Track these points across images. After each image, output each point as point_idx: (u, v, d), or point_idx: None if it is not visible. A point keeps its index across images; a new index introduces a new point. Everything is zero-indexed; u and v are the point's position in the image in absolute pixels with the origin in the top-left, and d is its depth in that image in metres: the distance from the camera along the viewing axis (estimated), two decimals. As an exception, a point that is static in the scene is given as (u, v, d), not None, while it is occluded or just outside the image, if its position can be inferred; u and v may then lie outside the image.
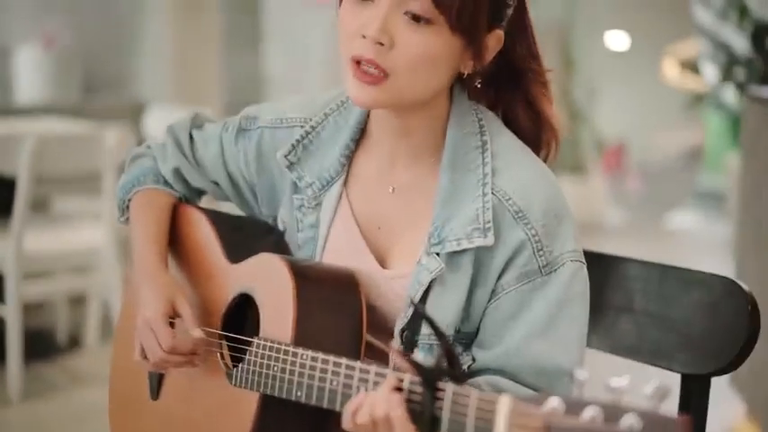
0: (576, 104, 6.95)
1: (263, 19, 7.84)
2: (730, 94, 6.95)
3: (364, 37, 1.28)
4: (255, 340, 1.35)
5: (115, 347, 1.64)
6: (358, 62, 1.29)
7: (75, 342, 4.21)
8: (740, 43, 6.72)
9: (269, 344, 1.33)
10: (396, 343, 1.36)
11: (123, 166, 3.20)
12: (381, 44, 1.27)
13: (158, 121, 4.64)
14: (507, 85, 1.43)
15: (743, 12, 6.67)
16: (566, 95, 6.93)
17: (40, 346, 4.10)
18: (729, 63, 6.86)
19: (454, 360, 1.08)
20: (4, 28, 5.93)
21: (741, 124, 3.47)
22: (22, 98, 5.70)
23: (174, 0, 5.47)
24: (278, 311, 1.34)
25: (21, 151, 3.46)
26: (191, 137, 1.59)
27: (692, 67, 7.38)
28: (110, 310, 3.91)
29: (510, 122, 1.44)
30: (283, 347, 1.30)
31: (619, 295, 1.63)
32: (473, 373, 1.35)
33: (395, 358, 1.14)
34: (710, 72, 7.06)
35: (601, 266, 1.64)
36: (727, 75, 6.89)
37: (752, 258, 3.25)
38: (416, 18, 1.27)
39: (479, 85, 1.39)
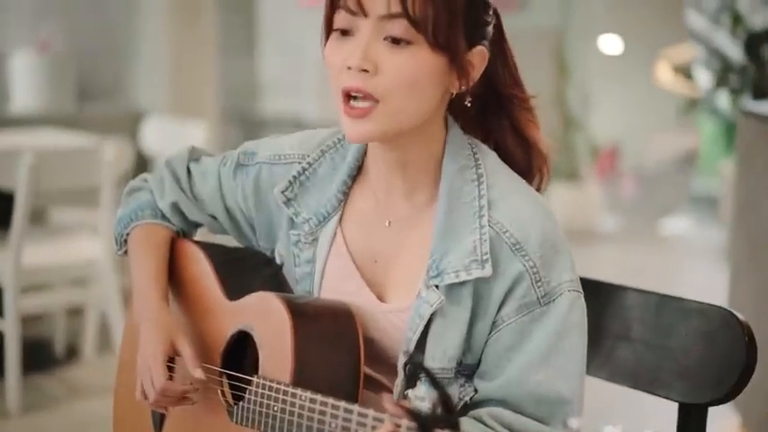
0: (570, 111, 6.97)
1: (258, 22, 7.85)
2: (724, 101, 6.98)
3: (350, 68, 1.30)
4: (255, 379, 1.37)
5: (117, 379, 1.65)
6: (348, 97, 1.31)
7: (72, 353, 4.21)
8: (733, 51, 6.74)
9: (268, 383, 1.34)
10: (399, 376, 1.38)
11: (121, 180, 3.21)
12: (366, 71, 1.29)
13: (155, 133, 4.67)
14: (494, 113, 1.46)
15: (736, 19, 6.70)
16: (560, 101, 6.95)
17: (38, 357, 4.11)
18: (723, 69, 6.89)
19: (450, 406, 1.10)
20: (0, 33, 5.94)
21: (737, 138, 3.49)
22: (18, 105, 5.70)
23: (169, 4, 5.46)
24: (276, 350, 1.35)
25: (19, 165, 3.47)
26: (188, 171, 1.61)
27: (685, 71, 7.41)
28: (107, 322, 3.93)
29: (501, 152, 1.45)
30: (282, 387, 1.32)
31: (617, 324, 1.65)
32: (475, 404, 1.37)
33: (389, 407, 1.13)
34: (704, 78, 7.09)
35: (599, 295, 1.66)
36: (721, 81, 6.92)
37: (746, 270, 3.29)
38: (396, 41, 1.29)
39: (469, 104, 1.40)
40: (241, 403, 1.39)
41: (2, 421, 3.57)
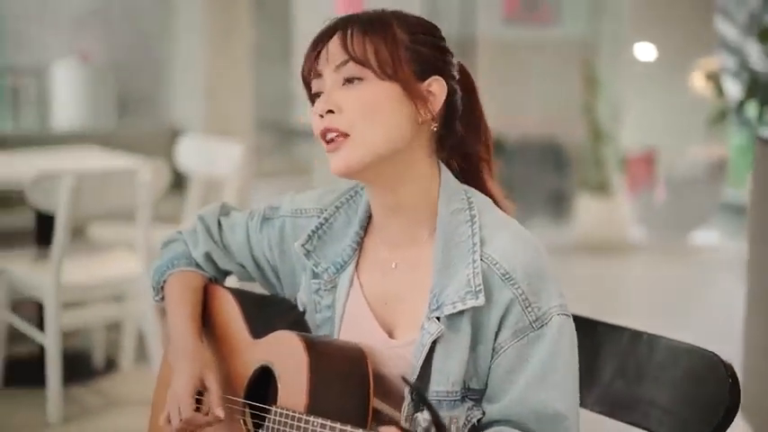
0: (599, 123, 7.03)
1: (294, 32, 7.97)
2: (753, 112, 7.01)
3: (321, 116, 1.50)
4: (273, 408, 1.51)
5: (152, 410, 1.80)
6: (325, 139, 1.50)
7: (111, 366, 4.35)
8: (763, 63, 6.77)
9: (285, 411, 1.49)
10: (406, 400, 1.52)
11: (157, 201, 3.34)
12: (332, 111, 1.49)
13: (190, 152, 4.80)
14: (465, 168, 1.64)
15: (765, 33, 6.73)
16: (589, 114, 7.01)
17: (78, 369, 4.25)
18: (752, 80, 6.92)
19: (443, 430, 1.22)
20: (40, 45, 6.08)
21: (753, 166, 3.53)
22: (59, 118, 5.84)
23: (204, 17, 5.55)
24: (293, 383, 1.50)
25: (59, 188, 3.62)
26: (219, 224, 1.78)
27: (717, 82, 7.44)
28: (144, 336, 4.07)
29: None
30: (297, 415, 1.46)
31: (611, 361, 1.77)
32: (483, 425, 1.51)
33: (384, 429, 1.30)
34: (733, 88, 7.12)
35: (595, 333, 1.78)
36: (750, 92, 6.96)
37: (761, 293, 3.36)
38: (350, 80, 1.49)
39: (435, 129, 1.55)
40: (260, 430, 1.54)
41: (43, 431, 3.72)
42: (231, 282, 1.84)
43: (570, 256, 6.72)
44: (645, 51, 7.58)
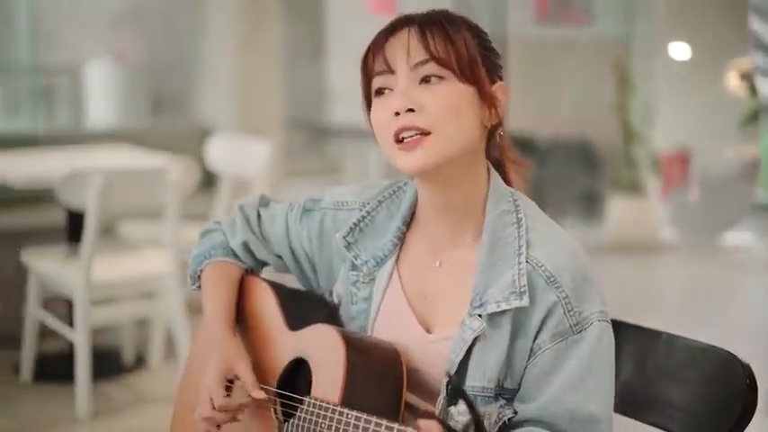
0: (631, 123, 6.99)
1: (325, 29, 7.98)
2: (785, 112, 6.93)
3: (398, 114, 1.49)
4: (307, 399, 1.53)
5: (178, 397, 1.82)
6: (399, 140, 1.50)
7: (140, 362, 4.39)
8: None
9: (319, 402, 1.51)
10: (441, 394, 1.53)
11: (186, 200, 3.36)
12: (412, 110, 1.49)
13: (220, 150, 4.83)
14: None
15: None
16: (621, 114, 6.98)
17: (107, 365, 4.29)
18: (786, 80, 6.84)
19: (481, 426, 1.23)
20: (75, 45, 6.14)
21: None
22: (93, 118, 5.89)
23: (234, 15, 5.57)
24: (329, 375, 1.52)
25: (89, 186, 3.66)
26: (258, 214, 1.80)
27: (751, 81, 7.37)
28: (173, 332, 4.10)
29: None
30: (331, 407, 1.48)
31: (630, 360, 1.76)
32: (514, 424, 1.52)
33: (422, 423, 1.32)
34: (765, 87, 7.04)
35: (616, 332, 1.78)
36: (784, 92, 6.87)
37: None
38: (429, 79, 1.50)
39: (500, 136, 1.59)
40: (292, 420, 1.56)
41: (72, 426, 3.76)
42: (266, 273, 1.85)
43: (602, 256, 6.69)
44: (679, 51, 7.54)
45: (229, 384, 1.62)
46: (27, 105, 5.61)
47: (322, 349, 1.56)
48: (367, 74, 1.55)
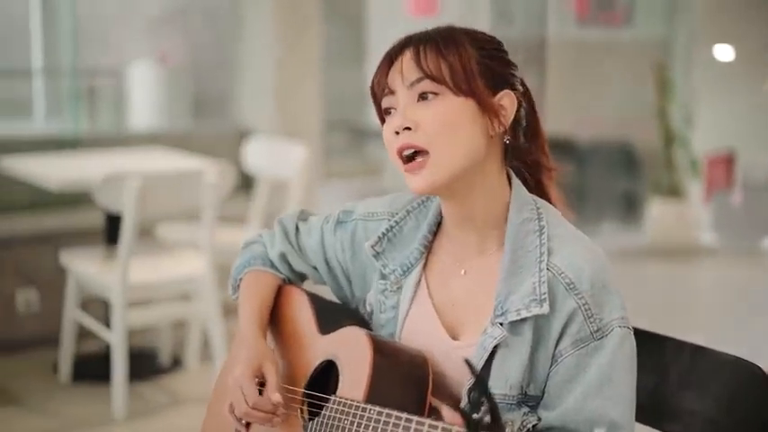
0: (672, 126, 6.94)
1: (367, 31, 7.99)
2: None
3: (397, 133, 1.53)
4: (332, 397, 1.56)
5: (211, 400, 1.85)
6: (403, 158, 1.53)
7: (177, 364, 4.43)
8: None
9: (343, 400, 1.53)
10: (464, 401, 1.55)
11: (223, 202, 3.37)
12: (409, 128, 1.52)
13: (258, 153, 4.86)
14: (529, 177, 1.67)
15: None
16: (662, 116, 6.92)
17: (144, 366, 4.34)
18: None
19: (497, 417, 1.24)
20: (118, 47, 6.19)
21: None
22: (135, 121, 5.94)
23: (275, 16, 5.58)
24: (355, 374, 1.54)
25: (125, 189, 3.70)
26: (297, 227, 1.85)
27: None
28: (209, 335, 4.13)
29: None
30: (355, 403, 1.51)
31: (654, 370, 1.76)
32: (539, 431, 1.53)
33: (446, 414, 1.36)
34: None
35: (641, 342, 1.77)
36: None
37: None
38: (425, 96, 1.52)
39: (507, 141, 1.59)
40: (317, 419, 1.58)
41: (108, 427, 3.80)
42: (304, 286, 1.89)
43: (641, 260, 6.65)
44: (721, 52, 7.47)
45: (261, 388, 1.64)
46: (69, 107, 5.67)
47: (350, 349, 1.59)
48: (375, 96, 1.59)
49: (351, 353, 1.58)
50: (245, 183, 5.19)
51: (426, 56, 1.52)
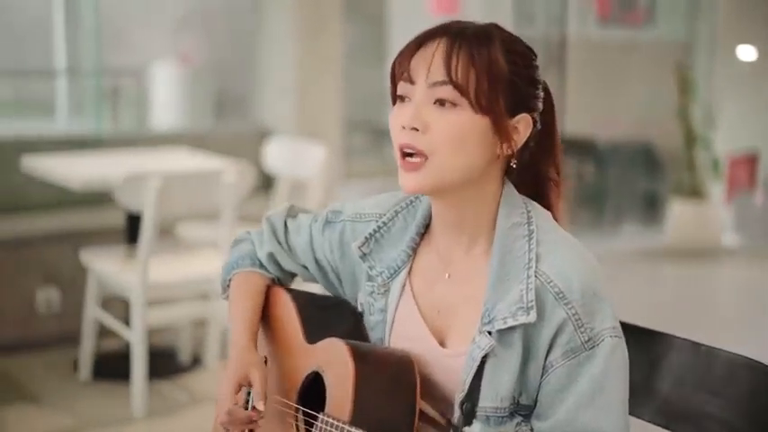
0: (694, 126, 6.91)
1: (389, 30, 7.99)
2: None
3: (404, 128, 1.50)
4: (320, 416, 1.55)
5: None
6: (403, 153, 1.50)
7: (196, 362, 4.45)
8: None
9: (331, 420, 1.52)
10: (456, 414, 1.53)
11: (242, 202, 3.39)
12: (416, 129, 1.48)
13: (278, 153, 4.88)
14: (528, 184, 1.62)
15: None
16: (683, 117, 6.89)
17: (164, 365, 4.36)
18: None
19: None
20: (140, 47, 6.22)
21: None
22: (157, 121, 5.96)
23: (295, 16, 5.58)
24: (340, 391, 1.53)
25: (145, 189, 3.72)
26: (285, 225, 1.81)
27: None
28: (229, 334, 4.12)
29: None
30: (341, 425, 1.49)
31: (669, 372, 1.76)
32: None
33: None
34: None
35: (655, 343, 1.77)
36: None
37: None
38: (443, 102, 1.47)
39: (514, 166, 1.56)
40: None
41: (128, 425, 3.83)
42: (296, 282, 1.88)
43: (661, 260, 6.63)
44: (743, 52, 7.43)
45: (249, 393, 1.65)
46: (92, 107, 5.70)
47: (333, 364, 1.57)
48: (394, 76, 1.54)
49: (334, 367, 1.56)
50: (266, 183, 5.21)
51: (458, 59, 1.46)
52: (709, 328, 4.81)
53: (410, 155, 1.49)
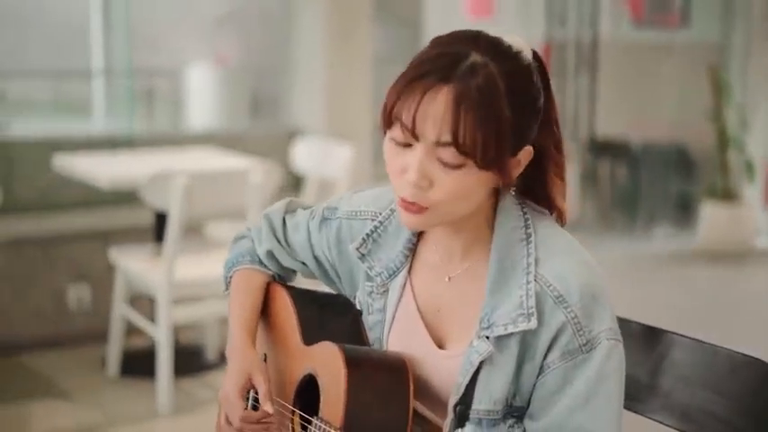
0: (727, 129, 6.86)
1: (424, 34, 8.00)
2: None
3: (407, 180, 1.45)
4: (314, 420, 1.56)
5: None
6: (402, 200, 1.47)
7: (222, 360, 4.44)
8: None
9: (323, 426, 1.53)
10: (449, 416, 1.54)
11: (269, 202, 3.40)
12: (421, 186, 1.44)
13: (307, 153, 4.90)
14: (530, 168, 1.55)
15: None
16: (717, 119, 6.85)
17: (191, 363, 4.40)
18: None
19: None
20: (176, 48, 6.27)
21: None
22: (192, 122, 6.01)
23: (325, 17, 5.59)
24: (333, 395, 1.53)
25: (172, 188, 3.76)
26: (284, 222, 1.80)
27: None
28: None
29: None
30: (332, 431, 1.51)
31: (672, 370, 1.76)
32: None
33: None
34: None
35: (659, 341, 1.78)
36: None
37: None
38: (447, 164, 1.42)
39: (513, 192, 1.54)
40: None
41: (153, 422, 3.88)
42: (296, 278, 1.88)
43: (693, 263, 6.58)
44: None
45: (256, 395, 1.66)
46: (127, 107, 5.76)
47: (327, 368, 1.57)
48: (390, 115, 1.45)
49: (328, 371, 1.56)
50: (295, 183, 5.24)
51: (465, 123, 1.38)
52: (741, 331, 4.77)
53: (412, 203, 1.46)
